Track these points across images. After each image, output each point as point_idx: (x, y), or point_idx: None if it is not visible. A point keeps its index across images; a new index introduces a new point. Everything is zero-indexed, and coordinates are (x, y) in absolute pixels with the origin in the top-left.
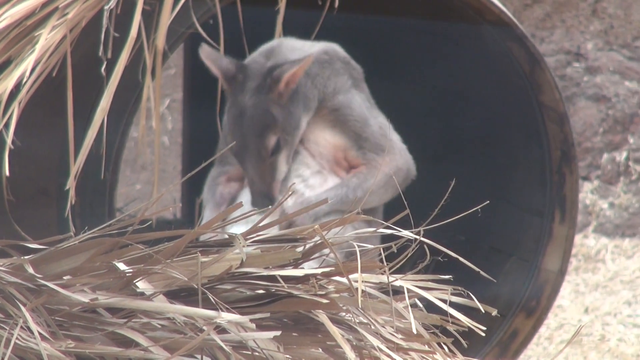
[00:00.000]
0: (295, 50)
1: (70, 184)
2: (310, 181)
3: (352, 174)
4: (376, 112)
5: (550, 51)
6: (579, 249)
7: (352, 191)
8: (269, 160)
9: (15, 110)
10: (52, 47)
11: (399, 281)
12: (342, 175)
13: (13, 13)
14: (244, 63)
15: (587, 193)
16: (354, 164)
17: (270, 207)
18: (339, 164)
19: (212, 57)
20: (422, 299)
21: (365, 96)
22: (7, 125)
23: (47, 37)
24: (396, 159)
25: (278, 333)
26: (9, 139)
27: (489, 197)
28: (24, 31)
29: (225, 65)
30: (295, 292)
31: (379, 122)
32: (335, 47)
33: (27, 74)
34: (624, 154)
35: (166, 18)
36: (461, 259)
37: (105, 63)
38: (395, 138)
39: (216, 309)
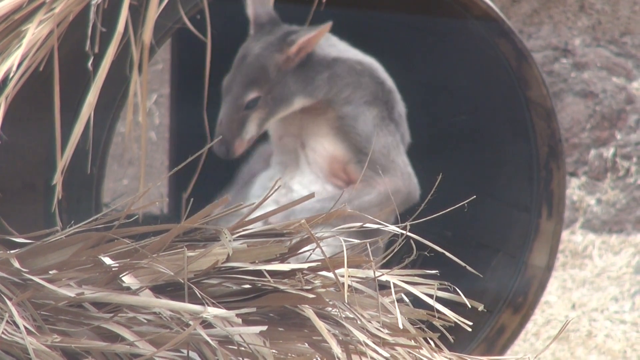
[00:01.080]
0: (334, 46)
1: (57, 178)
2: (305, 186)
3: (346, 190)
4: (387, 133)
5: (537, 47)
6: (566, 245)
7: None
8: (241, 113)
9: (2, 104)
10: (39, 41)
11: (385, 276)
12: (340, 185)
13: (0, 8)
14: (277, 17)
15: (574, 189)
16: (351, 178)
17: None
18: (335, 175)
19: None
20: (409, 294)
21: (379, 115)
22: None
23: (34, 32)
24: (396, 180)
25: (264, 328)
26: None
27: (476, 193)
28: (11, 26)
29: (260, 14)
30: (281, 287)
31: (384, 142)
32: (375, 65)
33: (14, 68)
34: (612, 150)
35: (153, 12)
36: (447, 254)
37: (92, 58)
38: (400, 161)
39: (202, 304)
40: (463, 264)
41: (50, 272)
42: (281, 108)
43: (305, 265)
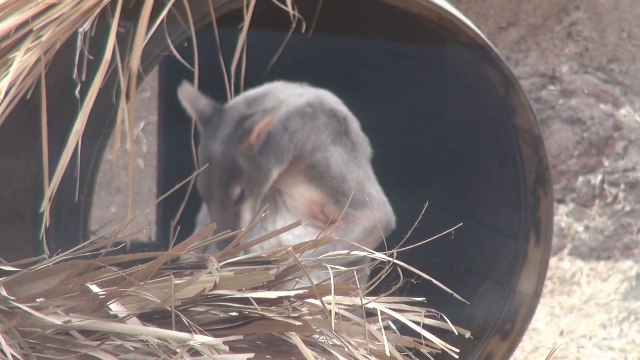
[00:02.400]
0: (279, 99)
1: (45, 206)
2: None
3: (330, 230)
4: (355, 166)
5: (525, 74)
6: (554, 272)
7: (332, 247)
8: (232, 209)
9: None
10: (26, 69)
11: (372, 303)
12: (321, 225)
13: None
14: (222, 107)
15: (562, 216)
16: (331, 218)
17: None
18: (315, 217)
19: (190, 97)
20: (396, 321)
21: (345, 149)
22: None
23: (21, 60)
24: (375, 213)
25: (251, 355)
26: None
27: (463, 219)
28: None
29: (202, 107)
30: (268, 315)
31: (357, 177)
32: (322, 98)
33: (2, 96)
34: (599, 177)
35: (140, 40)
36: (434, 281)
37: (79, 85)
38: (374, 192)
39: (189, 331)
40: (450, 292)
41: (37, 300)
42: (264, 186)
43: (292, 293)
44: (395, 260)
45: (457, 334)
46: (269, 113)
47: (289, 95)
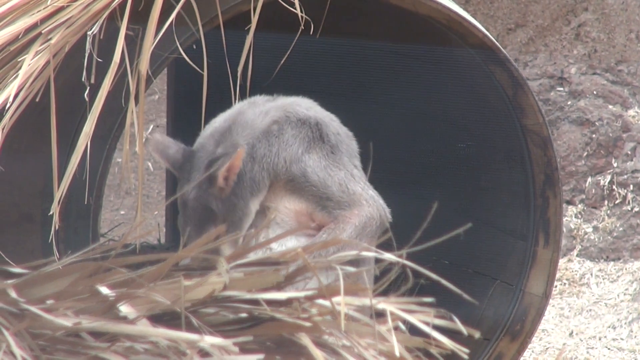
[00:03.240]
0: (247, 128)
1: (54, 209)
2: (280, 243)
3: (322, 231)
4: (335, 168)
5: (533, 75)
6: (563, 273)
7: (341, 248)
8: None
9: (0, 135)
10: (35, 72)
11: (382, 304)
12: (313, 234)
13: None
14: (192, 150)
15: (571, 217)
16: (322, 223)
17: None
18: (306, 226)
19: (159, 147)
20: (405, 322)
21: (322, 154)
22: None
23: (30, 63)
24: (364, 209)
25: (261, 356)
26: None
27: (472, 221)
28: (8, 56)
29: (173, 155)
30: (278, 316)
31: (338, 179)
32: (289, 110)
33: (11, 99)
34: (608, 178)
35: (149, 43)
36: (443, 281)
37: (88, 88)
38: (359, 189)
39: (199, 333)
40: (459, 292)
41: (47, 301)
42: (244, 222)
43: (302, 294)
44: (404, 261)
45: (466, 334)
46: (229, 157)
47: (253, 119)
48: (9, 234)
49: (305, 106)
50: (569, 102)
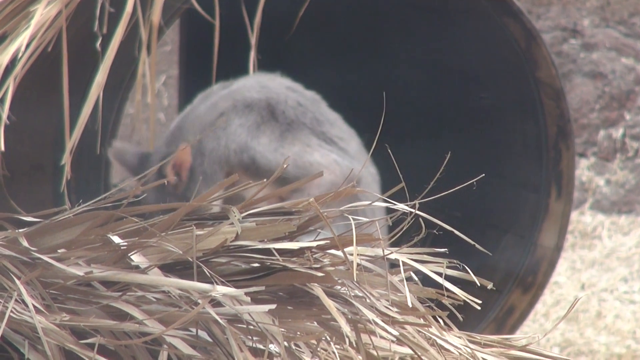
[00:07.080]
0: (196, 124)
1: (66, 159)
2: None
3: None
4: (287, 146)
5: (546, 28)
6: (575, 226)
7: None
8: None
9: (11, 85)
10: (47, 22)
11: (394, 254)
12: None
13: None
14: (146, 154)
15: (583, 170)
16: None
17: None
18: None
19: (118, 156)
20: (418, 273)
21: (272, 136)
22: (2, 101)
23: (42, 13)
24: (325, 177)
25: (273, 306)
26: (5, 114)
27: (484, 173)
28: (19, 7)
29: (130, 160)
30: (290, 266)
31: (292, 154)
32: (236, 97)
33: (23, 49)
34: (621, 131)
35: None
36: (457, 232)
37: (100, 38)
38: (317, 157)
39: (211, 283)
40: (472, 242)
41: (58, 250)
42: None
43: (314, 244)
44: (417, 212)
45: (479, 284)
46: (172, 156)
47: (203, 113)
48: (20, 183)
49: (257, 88)
50: (582, 55)
